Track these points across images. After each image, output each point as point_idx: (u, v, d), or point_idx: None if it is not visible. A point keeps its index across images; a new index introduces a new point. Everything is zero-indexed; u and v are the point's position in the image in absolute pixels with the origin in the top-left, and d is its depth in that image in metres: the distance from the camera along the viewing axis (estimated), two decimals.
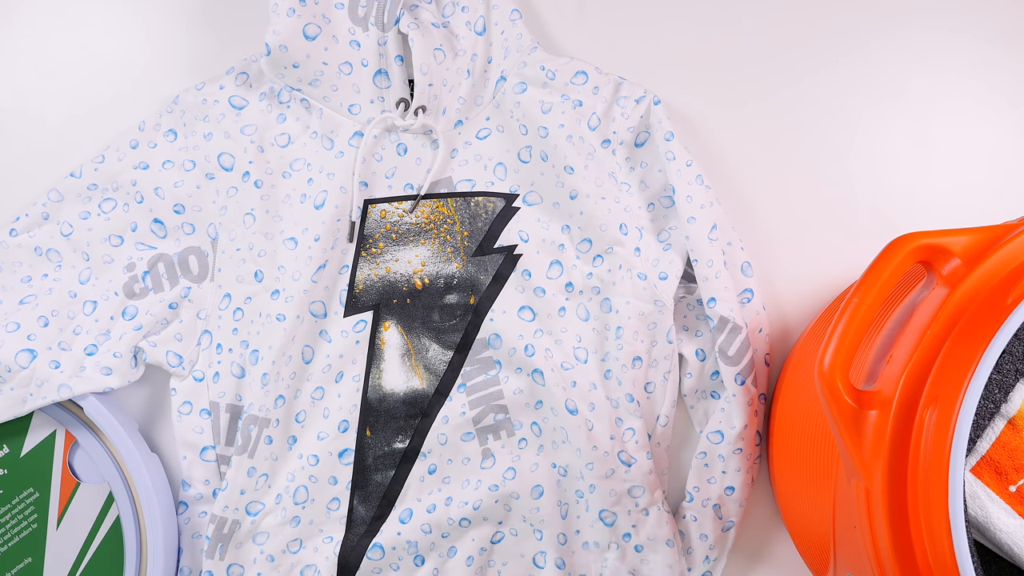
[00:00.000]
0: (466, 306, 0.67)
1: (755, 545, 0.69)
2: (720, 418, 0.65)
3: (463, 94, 0.68)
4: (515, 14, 0.68)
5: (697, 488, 0.65)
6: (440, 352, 0.67)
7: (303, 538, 0.66)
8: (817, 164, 0.72)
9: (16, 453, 0.65)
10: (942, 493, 0.42)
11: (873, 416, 0.44)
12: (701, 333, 0.68)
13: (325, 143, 0.68)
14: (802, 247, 0.71)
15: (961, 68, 0.73)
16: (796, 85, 0.73)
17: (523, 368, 0.66)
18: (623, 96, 0.68)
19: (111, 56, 0.72)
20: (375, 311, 0.67)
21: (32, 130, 0.71)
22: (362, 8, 0.66)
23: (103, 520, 0.64)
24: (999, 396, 0.52)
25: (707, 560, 0.66)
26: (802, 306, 0.71)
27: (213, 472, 0.66)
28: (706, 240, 0.65)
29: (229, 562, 0.65)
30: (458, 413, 0.66)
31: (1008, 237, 0.45)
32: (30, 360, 0.64)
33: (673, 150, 0.66)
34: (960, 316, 0.44)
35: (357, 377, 0.67)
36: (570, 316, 0.67)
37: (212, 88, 0.68)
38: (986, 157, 0.72)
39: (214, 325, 0.67)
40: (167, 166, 0.67)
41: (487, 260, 0.68)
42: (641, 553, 0.65)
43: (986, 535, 0.51)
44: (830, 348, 0.45)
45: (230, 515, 0.64)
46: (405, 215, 0.68)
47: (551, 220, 0.68)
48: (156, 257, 0.67)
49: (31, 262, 0.67)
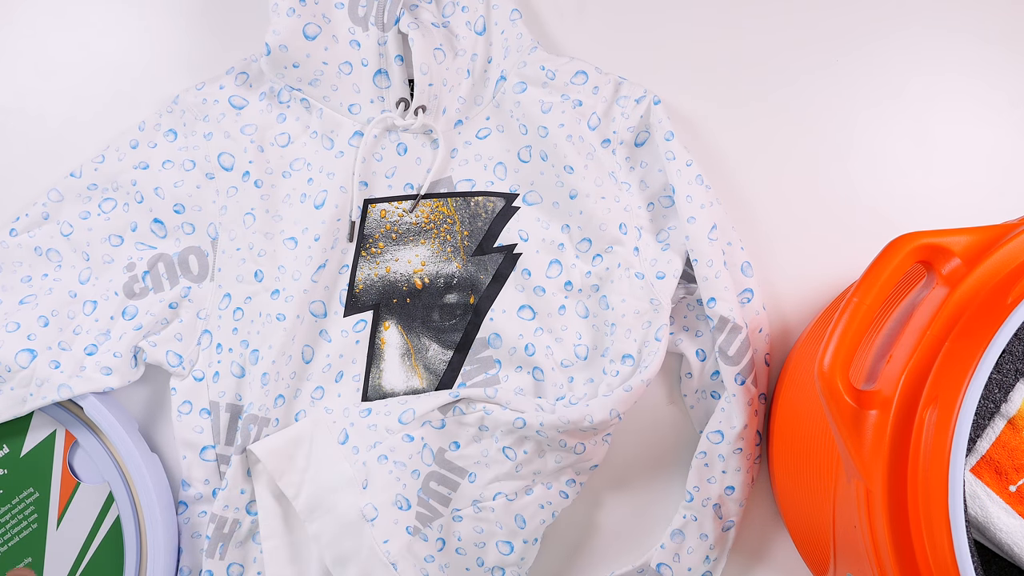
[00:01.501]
0: (466, 305, 0.67)
1: (755, 545, 0.69)
2: (720, 418, 0.65)
3: (463, 94, 0.68)
4: (515, 14, 0.68)
5: (697, 488, 0.65)
6: (440, 352, 0.67)
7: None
8: (817, 164, 0.72)
9: (16, 453, 0.65)
10: (942, 493, 0.42)
11: (873, 416, 0.44)
12: (701, 333, 0.68)
13: (325, 143, 0.68)
14: (802, 247, 0.71)
15: (961, 68, 0.73)
16: (796, 85, 0.73)
17: (523, 367, 0.66)
18: (623, 96, 0.68)
19: (111, 56, 0.72)
20: (375, 311, 0.67)
21: (32, 130, 0.71)
22: (362, 8, 0.66)
23: (103, 520, 0.64)
24: (999, 396, 0.52)
25: (707, 560, 0.66)
26: (802, 306, 0.71)
27: (213, 472, 0.66)
28: (706, 240, 0.65)
29: (229, 561, 0.65)
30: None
31: (1008, 237, 0.45)
32: (30, 360, 0.64)
33: (673, 150, 0.66)
34: (960, 316, 0.44)
35: (357, 377, 0.67)
36: (570, 314, 0.67)
37: (212, 88, 0.68)
38: (986, 157, 0.72)
39: (214, 325, 0.67)
40: (167, 166, 0.67)
41: (487, 259, 0.68)
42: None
43: (986, 535, 0.51)
44: (830, 348, 0.45)
45: (230, 514, 0.64)
46: (405, 215, 0.68)
47: (551, 219, 0.68)
48: (156, 257, 0.67)
49: (31, 262, 0.67)
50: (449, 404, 0.64)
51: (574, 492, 0.66)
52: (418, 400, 0.64)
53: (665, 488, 0.69)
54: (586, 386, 0.65)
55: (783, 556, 0.69)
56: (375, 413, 0.64)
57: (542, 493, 0.65)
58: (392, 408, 0.64)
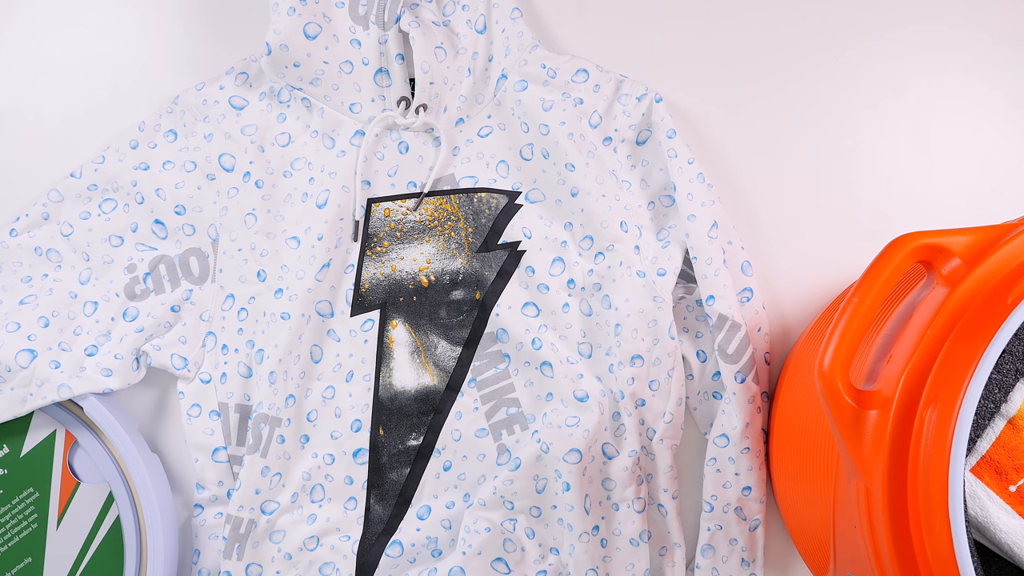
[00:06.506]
0: (472, 301, 0.67)
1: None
2: (723, 420, 0.65)
3: (464, 92, 0.68)
4: (516, 12, 0.68)
5: (715, 496, 0.65)
6: (449, 348, 0.67)
7: (320, 535, 0.66)
8: (817, 163, 0.72)
9: (16, 453, 0.65)
10: (942, 493, 0.42)
11: (873, 416, 0.44)
12: (702, 334, 0.68)
13: (326, 142, 0.68)
14: (802, 246, 0.71)
15: (961, 68, 0.73)
16: (797, 84, 0.73)
17: (531, 362, 0.66)
18: (624, 94, 0.68)
19: (110, 56, 0.72)
20: (382, 310, 0.67)
21: (32, 130, 0.71)
22: (363, 7, 0.66)
23: (103, 520, 0.64)
24: (999, 396, 0.52)
25: (744, 564, 0.66)
26: (802, 306, 0.71)
27: (226, 473, 0.66)
28: (706, 238, 0.65)
29: (247, 562, 0.65)
30: (471, 408, 0.67)
31: (1008, 237, 0.45)
32: (30, 360, 0.64)
33: (675, 147, 0.66)
34: (960, 316, 0.44)
35: (367, 376, 0.67)
36: (573, 312, 0.67)
37: (212, 88, 0.68)
38: (986, 157, 0.72)
39: (218, 326, 0.67)
40: (167, 167, 0.67)
41: (491, 256, 0.68)
42: (605, 548, 0.65)
43: (986, 535, 0.51)
44: (830, 348, 0.45)
45: (245, 515, 0.64)
46: (409, 213, 0.68)
47: (553, 217, 0.68)
48: (157, 258, 0.67)
49: (31, 262, 0.67)
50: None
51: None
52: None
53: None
54: (595, 384, 0.65)
55: (783, 556, 0.69)
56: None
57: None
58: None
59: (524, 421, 0.67)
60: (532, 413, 0.66)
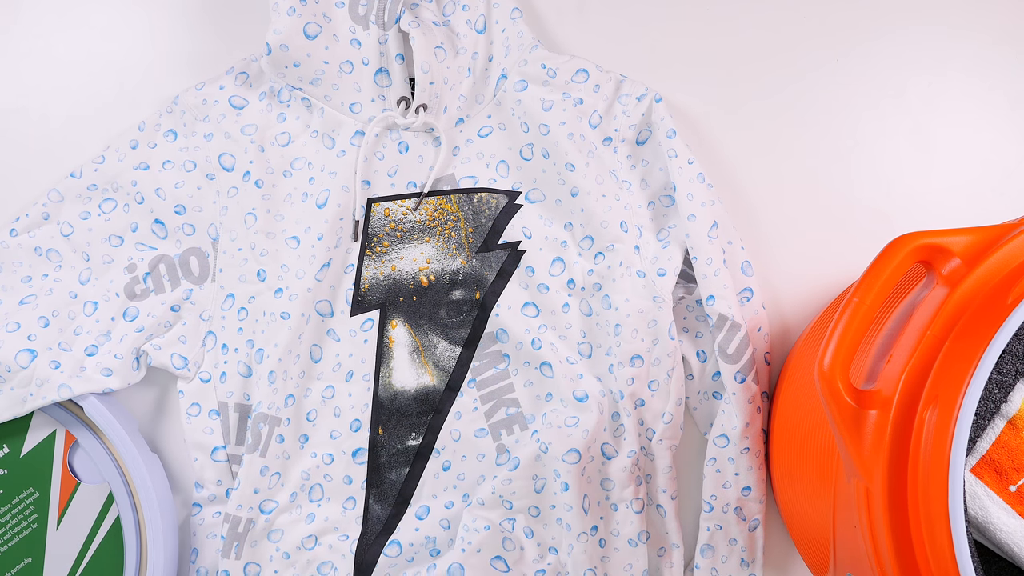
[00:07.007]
0: (472, 301, 0.67)
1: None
2: (722, 420, 0.65)
3: (464, 92, 0.68)
4: (516, 12, 0.68)
5: (715, 496, 0.65)
6: (448, 348, 0.67)
7: (318, 534, 0.66)
8: (817, 163, 0.72)
9: (16, 453, 0.65)
10: (942, 493, 0.42)
11: (873, 416, 0.44)
12: (702, 335, 0.68)
13: (326, 142, 0.68)
14: (802, 246, 0.71)
15: (961, 68, 0.73)
16: (797, 84, 0.73)
17: (531, 362, 0.66)
18: (624, 94, 0.68)
19: (112, 56, 0.72)
20: (382, 309, 0.67)
21: (33, 130, 0.71)
22: (363, 7, 0.66)
23: (103, 520, 0.64)
24: (999, 396, 0.52)
25: (744, 564, 0.66)
26: (802, 306, 0.71)
27: (225, 472, 0.66)
28: (706, 238, 0.65)
29: (246, 561, 0.65)
30: (470, 408, 0.67)
31: (1008, 237, 0.45)
32: (30, 360, 0.64)
33: (675, 147, 0.67)
34: (960, 316, 0.44)
35: (367, 376, 0.67)
36: (573, 312, 0.67)
37: (212, 88, 0.68)
38: (986, 157, 0.72)
39: (218, 326, 0.67)
40: (167, 167, 0.67)
41: (491, 256, 0.68)
42: (603, 548, 0.65)
43: (986, 535, 0.51)
44: (830, 348, 0.45)
45: (244, 514, 0.65)
46: (409, 213, 0.68)
47: (553, 217, 0.68)
48: (157, 258, 0.67)
49: (31, 262, 0.67)
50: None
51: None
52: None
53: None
54: (595, 384, 0.65)
55: (783, 556, 0.69)
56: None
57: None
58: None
59: (523, 421, 0.67)
60: (531, 413, 0.66)
